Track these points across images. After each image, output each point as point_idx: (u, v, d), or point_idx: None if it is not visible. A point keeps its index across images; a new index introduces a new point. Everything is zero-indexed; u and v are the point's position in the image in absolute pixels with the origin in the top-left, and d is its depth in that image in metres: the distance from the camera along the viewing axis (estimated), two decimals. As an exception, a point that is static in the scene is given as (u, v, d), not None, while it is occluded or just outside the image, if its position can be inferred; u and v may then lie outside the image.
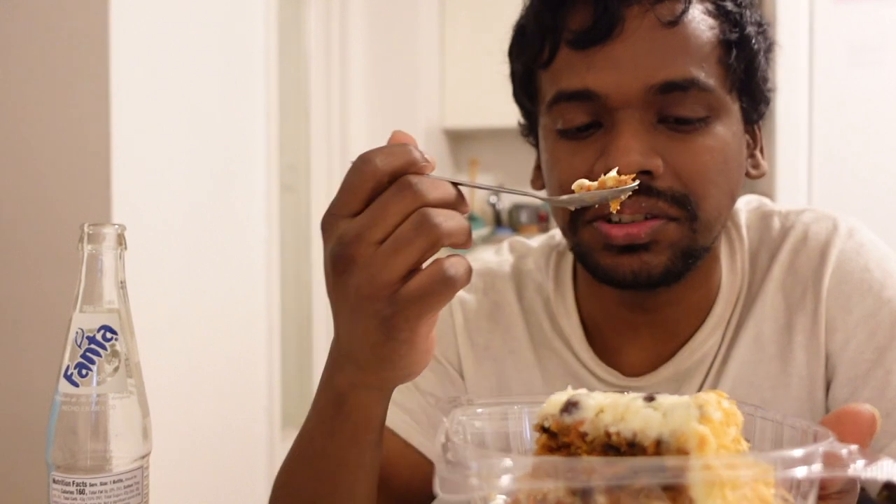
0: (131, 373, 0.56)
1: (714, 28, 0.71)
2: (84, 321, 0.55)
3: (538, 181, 0.82)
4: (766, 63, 0.76)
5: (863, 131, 2.69)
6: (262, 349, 2.42)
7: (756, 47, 0.74)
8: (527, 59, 0.77)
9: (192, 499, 1.90)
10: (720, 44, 0.72)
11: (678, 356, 0.79)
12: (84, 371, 0.54)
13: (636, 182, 0.56)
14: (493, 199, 4.07)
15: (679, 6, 0.70)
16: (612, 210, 0.57)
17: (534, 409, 0.45)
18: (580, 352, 0.82)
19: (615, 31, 0.69)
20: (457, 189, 0.51)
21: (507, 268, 0.90)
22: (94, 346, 0.55)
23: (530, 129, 0.83)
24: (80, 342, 0.55)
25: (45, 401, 0.58)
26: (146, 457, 0.57)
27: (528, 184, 0.83)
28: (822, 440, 0.39)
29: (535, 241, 0.93)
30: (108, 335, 0.55)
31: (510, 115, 0.86)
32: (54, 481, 0.55)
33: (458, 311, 0.87)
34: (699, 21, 0.71)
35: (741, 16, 0.73)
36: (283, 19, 2.62)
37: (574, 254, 0.77)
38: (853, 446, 0.38)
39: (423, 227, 0.47)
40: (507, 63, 0.82)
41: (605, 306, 0.82)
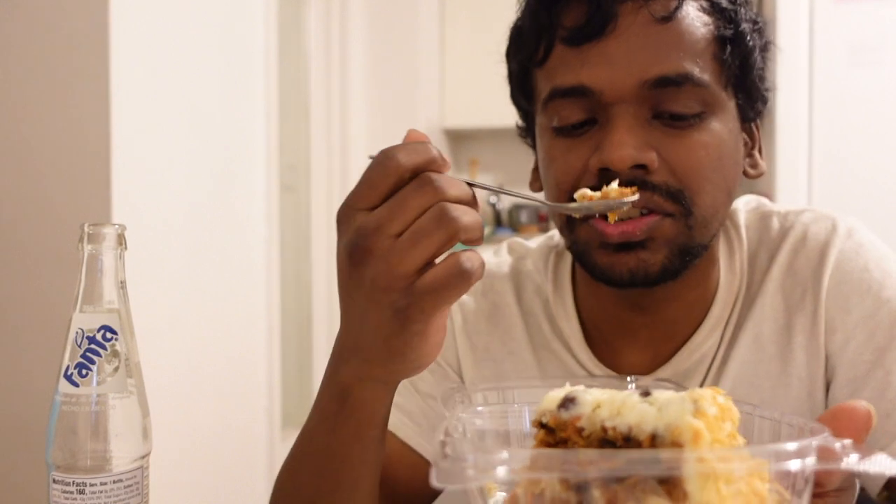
0: (131, 373, 0.56)
1: (708, 24, 0.72)
2: (84, 321, 0.55)
3: (536, 183, 0.82)
4: (761, 61, 0.76)
5: (863, 131, 2.69)
6: (262, 349, 2.42)
7: (751, 44, 0.74)
8: (523, 58, 0.77)
9: (192, 499, 1.90)
10: (715, 40, 0.72)
11: (677, 357, 0.79)
12: (84, 371, 0.54)
13: (636, 195, 0.60)
14: (494, 200, 4.07)
15: (673, 3, 0.70)
16: (611, 221, 0.62)
17: (533, 406, 0.45)
18: (579, 353, 0.82)
19: (609, 27, 0.69)
20: (471, 189, 0.52)
21: (506, 269, 0.90)
22: (94, 346, 0.55)
23: (528, 130, 0.83)
24: (80, 342, 0.55)
25: (45, 401, 0.58)
26: (146, 457, 0.57)
27: (527, 184, 0.84)
28: (818, 436, 0.39)
29: (534, 242, 0.92)
30: (108, 335, 0.55)
31: (510, 115, 0.86)
32: (54, 481, 0.55)
33: (456, 313, 0.87)
34: (693, 17, 0.71)
35: (735, 13, 0.73)
36: (283, 19, 2.62)
37: (571, 252, 0.77)
38: (847, 441, 0.38)
39: (442, 221, 0.49)
40: (505, 64, 0.82)
41: (603, 307, 0.81)
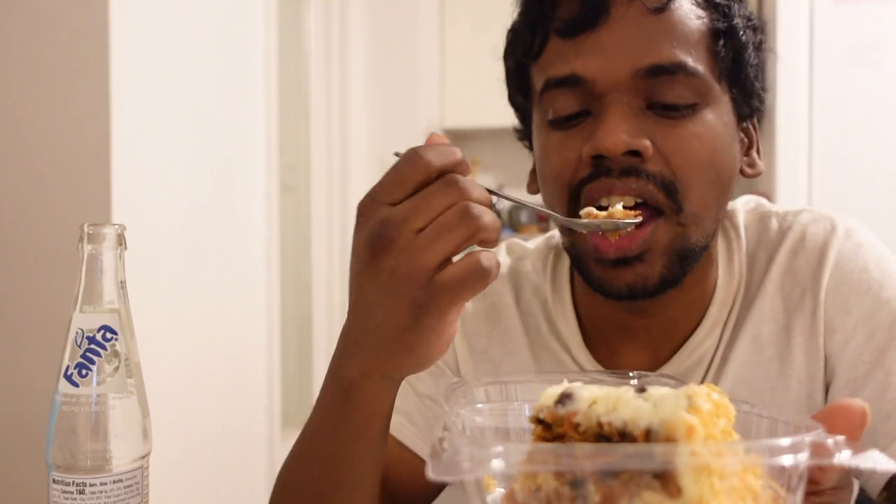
0: (131, 373, 0.56)
1: (702, 17, 0.72)
2: (84, 321, 0.55)
3: (533, 185, 0.82)
4: (756, 58, 0.76)
5: (863, 131, 2.69)
6: (262, 349, 2.42)
7: (744, 39, 0.74)
8: (519, 54, 0.77)
9: (192, 499, 1.90)
10: (708, 32, 0.72)
11: (676, 357, 0.79)
12: (84, 371, 0.54)
13: (639, 218, 0.64)
14: (493, 199, 4.07)
15: None
16: (611, 239, 0.67)
17: (534, 404, 0.46)
18: (577, 354, 0.82)
19: (602, 18, 0.70)
20: (490, 195, 0.55)
21: (505, 270, 0.89)
22: (94, 346, 0.55)
23: (525, 132, 0.83)
24: (80, 342, 0.55)
25: (45, 401, 0.58)
26: (146, 457, 0.57)
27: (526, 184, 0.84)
28: (811, 432, 0.39)
29: (532, 243, 0.92)
30: (108, 335, 0.55)
31: (510, 115, 0.86)
32: (54, 481, 0.55)
33: None
34: (687, 10, 0.71)
35: (729, 8, 0.73)
36: (283, 19, 2.62)
37: (568, 255, 0.77)
38: (839, 437, 0.39)
39: (465, 218, 0.51)
40: (503, 65, 0.82)
41: (602, 308, 0.81)
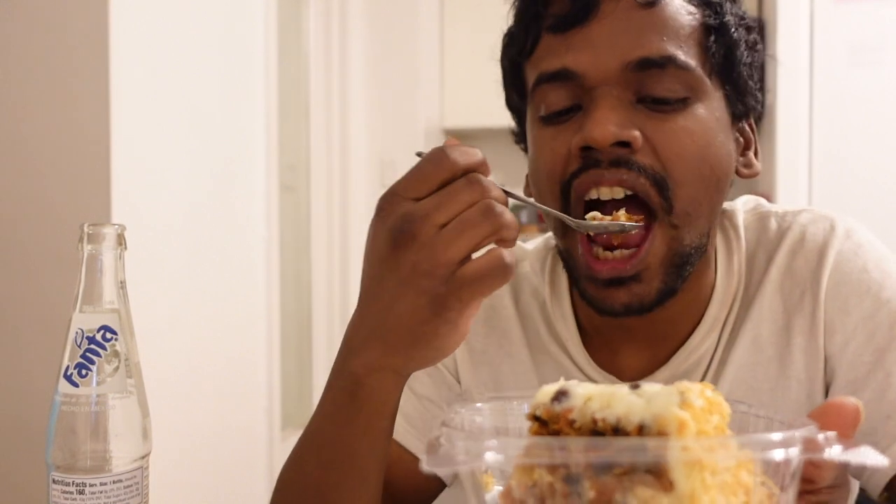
0: (131, 373, 0.56)
1: (693, 13, 0.72)
2: (84, 321, 0.55)
3: (529, 188, 0.82)
4: (748, 56, 0.76)
5: (863, 131, 2.69)
6: (262, 349, 2.42)
7: (736, 36, 0.74)
8: (513, 53, 0.78)
9: (192, 499, 1.90)
10: (699, 27, 0.72)
11: (675, 358, 0.79)
12: (84, 371, 0.54)
13: (641, 223, 0.67)
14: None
15: None
16: (614, 243, 0.69)
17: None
18: (576, 355, 0.82)
19: (593, 13, 0.70)
20: (506, 195, 0.56)
21: None
22: (93, 346, 0.55)
23: (522, 134, 0.83)
24: (80, 342, 0.55)
25: (45, 401, 0.58)
26: (146, 457, 0.57)
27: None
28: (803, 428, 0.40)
29: (531, 244, 0.92)
30: (108, 335, 0.55)
31: (509, 116, 0.86)
32: (54, 481, 0.55)
33: None
34: (677, 5, 0.72)
35: (721, 5, 0.73)
36: (283, 19, 2.62)
37: (560, 257, 0.78)
38: (830, 433, 0.39)
39: (488, 215, 0.52)
40: (500, 67, 0.82)
41: None
